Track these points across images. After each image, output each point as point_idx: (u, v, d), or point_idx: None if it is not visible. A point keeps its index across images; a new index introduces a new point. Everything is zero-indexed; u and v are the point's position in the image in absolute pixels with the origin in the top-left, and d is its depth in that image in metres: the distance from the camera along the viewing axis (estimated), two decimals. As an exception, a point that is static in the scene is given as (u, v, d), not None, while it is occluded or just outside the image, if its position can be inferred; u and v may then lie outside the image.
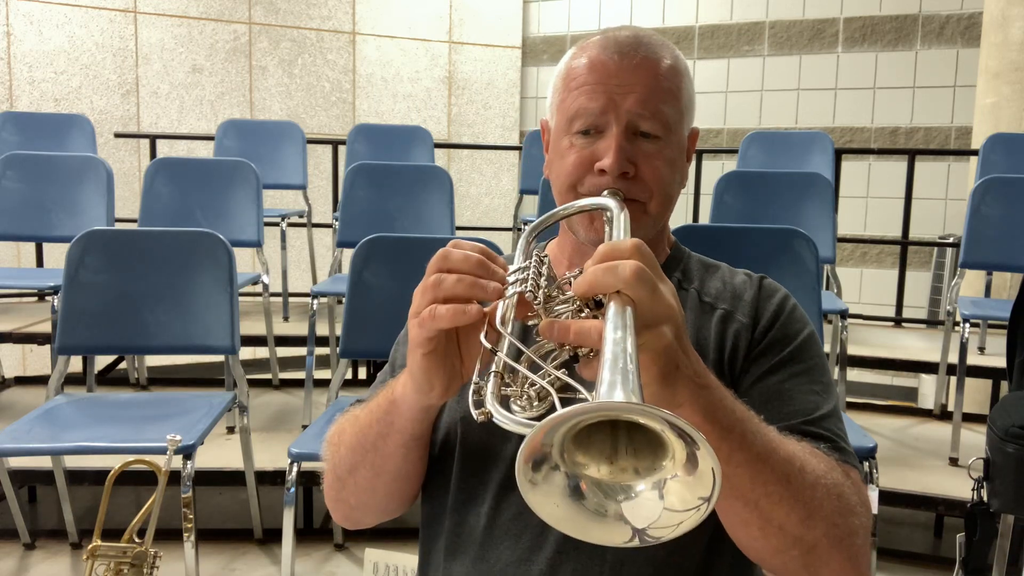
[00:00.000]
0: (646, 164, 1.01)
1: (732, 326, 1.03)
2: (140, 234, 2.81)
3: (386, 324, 2.37)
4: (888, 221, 5.10)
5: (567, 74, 1.05)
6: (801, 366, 1.01)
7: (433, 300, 0.82)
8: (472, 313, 0.80)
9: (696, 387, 0.78)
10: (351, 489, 1.04)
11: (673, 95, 1.03)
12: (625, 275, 0.72)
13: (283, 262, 4.01)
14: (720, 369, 1.01)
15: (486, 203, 6.60)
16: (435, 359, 0.85)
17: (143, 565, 1.58)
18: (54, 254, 4.17)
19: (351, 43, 6.18)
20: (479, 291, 0.82)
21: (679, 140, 1.05)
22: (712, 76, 5.95)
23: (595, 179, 1.02)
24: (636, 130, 1.01)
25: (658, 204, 1.04)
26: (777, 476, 0.83)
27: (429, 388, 0.87)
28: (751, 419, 0.84)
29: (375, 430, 0.97)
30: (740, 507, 0.85)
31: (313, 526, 2.98)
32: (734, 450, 0.81)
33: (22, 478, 2.81)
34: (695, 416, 0.79)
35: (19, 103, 5.22)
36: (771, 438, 0.85)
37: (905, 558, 2.82)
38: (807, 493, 0.84)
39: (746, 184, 3.34)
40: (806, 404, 0.97)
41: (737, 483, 0.83)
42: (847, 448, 0.96)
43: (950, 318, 3.10)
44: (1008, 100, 4.22)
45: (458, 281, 0.82)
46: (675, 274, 1.10)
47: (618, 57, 1.01)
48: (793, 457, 0.85)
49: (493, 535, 1.00)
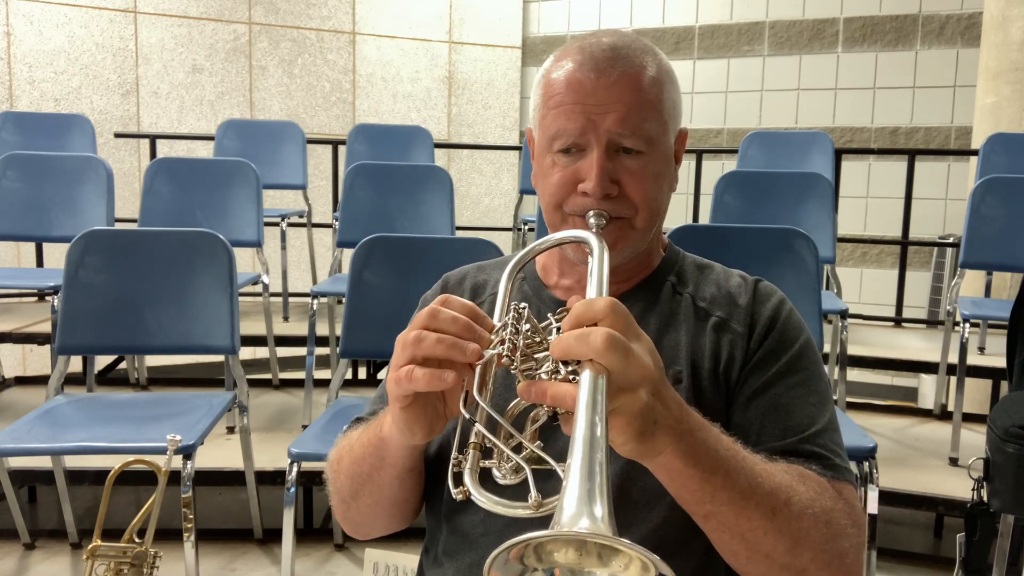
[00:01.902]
0: (630, 181, 1.00)
1: (727, 335, 1.03)
2: (140, 234, 2.81)
3: (386, 324, 2.39)
4: (888, 221, 5.11)
5: (546, 89, 1.03)
6: (798, 376, 1.01)
7: (411, 358, 0.83)
8: (448, 380, 0.81)
9: (676, 435, 0.79)
10: (355, 511, 1.07)
11: (654, 108, 1.01)
12: (597, 345, 0.72)
13: (283, 262, 4.01)
14: (715, 379, 1.01)
15: (486, 203, 6.60)
16: (414, 410, 0.86)
17: (143, 565, 1.58)
18: (54, 254, 4.17)
19: (351, 43, 6.18)
20: (457, 353, 0.81)
21: (664, 151, 1.04)
22: (712, 76, 5.95)
23: (579, 199, 1.01)
24: (618, 147, 1.00)
25: (644, 219, 1.03)
26: (762, 511, 0.84)
27: (411, 435, 0.88)
28: (735, 456, 0.85)
29: (368, 463, 0.99)
30: (728, 539, 0.86)
31: (313, 526, 2.98)
32: (718, 489, 0.82)
33: (22, 478, 2.81)
34: (676, 461, 0.80)
35: (19, 103, 5.22)
36: (755, 472, 0.86)
37: (905, 558, 2.82)
38: (793, 524, 0.86)
39: (746, 184, 3.34)
40: (802, 419, 0.98)
41: (723, 519, 0.84)
42: (840, 463, 0.97)
43: (950, 318, 3.10)
44: (1008, 100, 4.22)
45: (437, 342, 0.82)
46: (670, 278, 1.10)
47: (595, 76, 0.99)
48: (778, 490, 0.86)
49: (488, 541, 1.00)
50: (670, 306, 1.07)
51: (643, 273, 1.10)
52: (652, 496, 0.95)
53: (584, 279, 1.06)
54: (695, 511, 0.86)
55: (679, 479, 0.82)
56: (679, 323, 1.05)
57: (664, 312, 1.06)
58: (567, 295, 1.08)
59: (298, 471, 2.15)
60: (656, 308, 1.06)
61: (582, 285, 1.07)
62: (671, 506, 0.91)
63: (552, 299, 1.10)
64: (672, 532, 0.96)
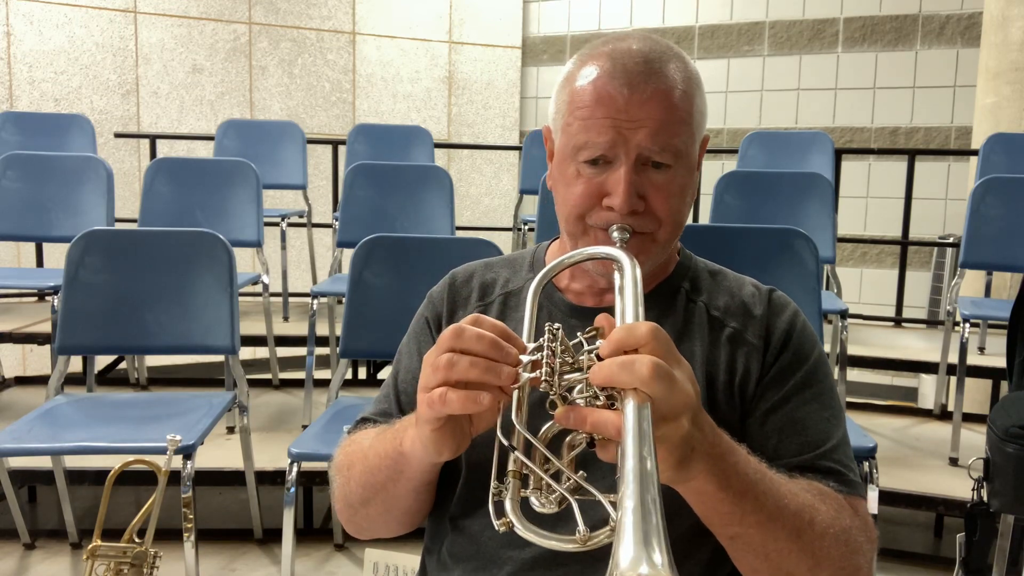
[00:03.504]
0: (656, 196, 0.99)
1: (743, 348, 1.02)
2: (140, 234, 2.81)
3: (386, 324, 2.39)
4: (888, 221, 5.11)
5: (572, 96, 0.99)
6: (813, 391, 1.00)
7: (445, 382, 0.80)
8: (484, 403, 0.79)
9: (711, 459, 0.79)
10: (363, 517, 1.06)
11: (685, 123, 0.99)
12: (643, 374, 0.71)
13: (283, 262, 4.01)
14: (730, 392, 1.01)
15: (486, 203, 6.60)
16: (445, 431, 0.85)
17: (143, 565, 1.58)
18: (54, 254, 4.17)
19: (351, 43, 6.18)
20: (493, 376, 0.80)
21: (690, 162, 1.02)
22: (712, 76, 5.94)
23: (604, 213, 0.99)
24: (646, 161, 0.98)
25: (667, 232, 1.01)
26: (788, 532, 0.85)
27: (438, 455, 0.87)
28: (764, 479, 0.85)
29: (384, 474, 0.98)
30: (751, 558, 0.87)
31: (313, 526, 2.98)
32: (747, 513, 0.83)
33: (22, 478, 2.81)
34: (709, 486, 0.80)
35: (19, 103, 5.22)
36: (782, 493, 0.86)
37: (905, 558, 2.82)
38: (816, 544, 0.87)
39: (746, 184, 3.34)
40: (818, 435, 0.98)
41: (749, 540, 0.85)
42: (854, 479, 0.98)
43: (950, 318, 3.10)
44: (1008, 100, 4.23)
45: (472, 365, 0.80)
46: (684, 284, 1.09)
47: (628, 91, 0.96)
48: (803, 510, 0.87)
49: (494, 546, 1.00)
50: (684, 315, 1.06)
51: (658, 279, 1.09)
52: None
53: (596, 284, 1.06)
54: (722, 533, 0.86)
55: (710, 502, 0.83)
56: (693, 333, 1.04)
57: (679, 321, 1.05)
58: (578, 298, 1.08)
59: (298, 471, 2.15)
60: (671, 316, 1.05)
61: (594, 290, 1.07)
62: (676, 514, 0.90)
63: (564, 302, 1.08)
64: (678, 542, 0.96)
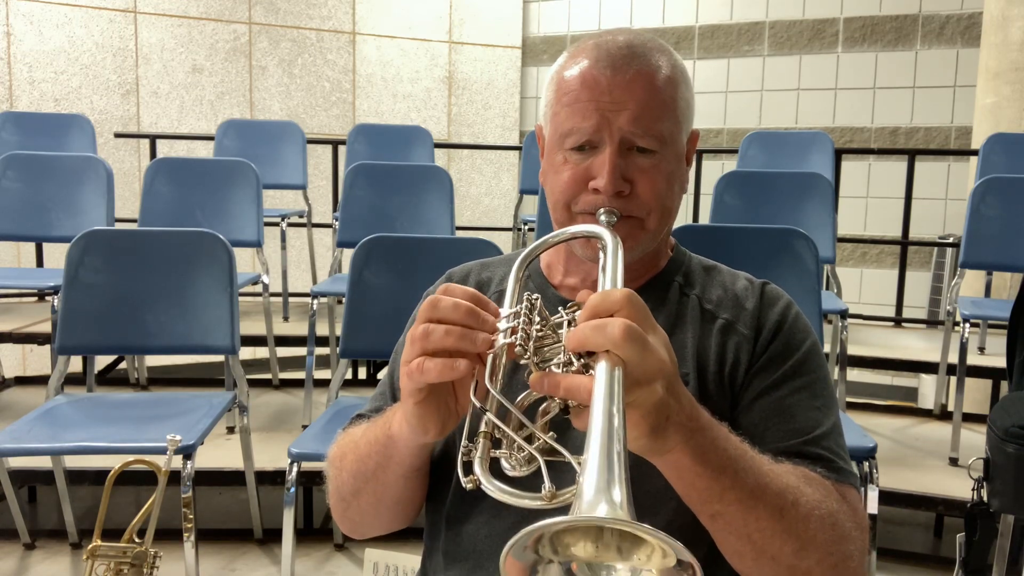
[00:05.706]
0: (642, 180, 1.00)
1: (733, 338, 1.02)
2: (140, 234, 2.81)
3: (386, 324, 2.39)
4: (888, 221, 5.10)
5: (559, 86, 1.02)
6: (803, 380, 1.00)
7: (422, 352, 0.82)
8: (460, 369, 0.80)
9: (687, 432, 0.78)
10: (355, 510, 1.06)
11: (668, 107, 1.00)
12: (614, 336, 0.71)
13: (283, 262, 4.01)
14: (720, 382, 1.00)
15: (486, 203, 6.60)
16: (428, 405, 0.85)
17: (143, 565, 1.58)
18: (54, 254, 4.17)
19: (351, 43, 6.18)
20: (468, 343, 0.81)
21: (677, 150, 1.03)
22: (712, 76, 5.95)
23: (590, 197, 1.00)
24: (631, 146, 0.99)
25: (656, 219, 1.02)
26: (770, 511, 0.84)
27: (424, 432, 0.87)
28: (744, 455, 0.84)
29: (374, 461, 0.98)
30: (734, 540, 0.86)
31: (313, 526, 2.98)
32: (726, 489, 0.82)
33: (22, 478, 2.81)
34: (686, 459, 0.80)
35: (19, 103, 5.22)
36: (764, 472, 0.85)
37: (905, 558, 2.82)
38: (800, 526, 0.85)
39: (746, 184, 3.34)
40: (807, 422, 0.97)
41: (730, 519, 0.84)
42: (844, 467, 0.97)
43: (950, 318, 3.10)
44: (1008, 100, 4.23)
45: (446, 334, 0.81)
46: (677, 278, 1.09)
47: (610, 72, 0.98)
48: (786, 490, 0.86)
49: (491, 545, 1.00)
50: (677, 307, 1.06)
51: (650, 273, 1.10)
52: (656, 499, 0.94)
53: (590, 277, 1.05)
54: (702, 511, 0.85)
55: (688, 477, 0.82)
56: (685, 325, 1.04)
57: (671, 313, 1.05)
58: (572, 294, 1.08)
59: (298, 471, 2.15)
60: (663, 309, 1.06)
61: (587, 283, 1.07)
62: (675, 510, 0.91)
63: (557, 297, 1.09)
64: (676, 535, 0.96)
